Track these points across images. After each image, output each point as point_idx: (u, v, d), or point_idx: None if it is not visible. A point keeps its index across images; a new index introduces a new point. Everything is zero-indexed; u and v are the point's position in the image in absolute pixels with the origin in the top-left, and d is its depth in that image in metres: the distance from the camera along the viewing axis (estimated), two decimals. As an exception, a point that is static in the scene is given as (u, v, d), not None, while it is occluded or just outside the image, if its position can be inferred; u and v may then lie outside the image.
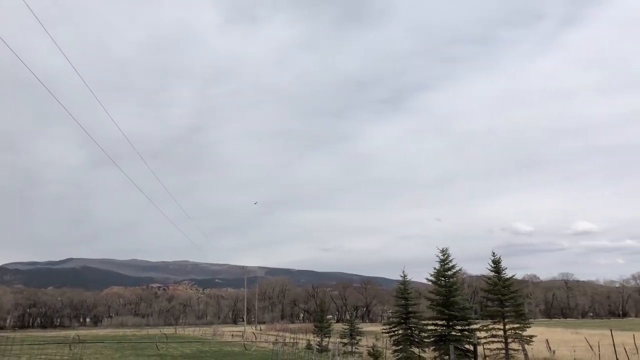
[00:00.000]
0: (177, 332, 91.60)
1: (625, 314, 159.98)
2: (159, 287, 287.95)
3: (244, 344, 45.70)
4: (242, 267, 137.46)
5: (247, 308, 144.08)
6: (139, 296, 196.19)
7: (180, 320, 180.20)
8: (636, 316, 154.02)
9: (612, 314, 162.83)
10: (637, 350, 31.42)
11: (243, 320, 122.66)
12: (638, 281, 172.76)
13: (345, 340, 46.80)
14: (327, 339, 49.58)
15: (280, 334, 75.10)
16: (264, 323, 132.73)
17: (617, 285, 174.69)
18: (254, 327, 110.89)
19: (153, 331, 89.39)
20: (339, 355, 41.38)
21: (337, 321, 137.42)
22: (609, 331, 27.31)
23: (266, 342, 44.83)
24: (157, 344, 36.88)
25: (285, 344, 48.22)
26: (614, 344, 24.33)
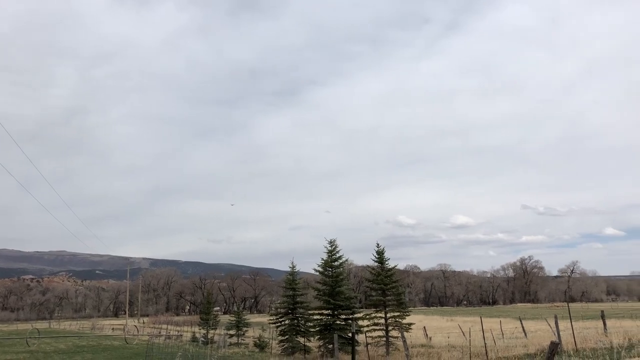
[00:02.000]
0: (52, 326, 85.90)
1: (494, 302, 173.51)
2: (32, 278, 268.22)
3: (125, 337, 43.79)
4: (125, 258, 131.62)
5: (130, 300, 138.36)
6: (8, 289, 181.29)
7: (56, 314, 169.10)
8: (504, 304, 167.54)
9: (484, 302, 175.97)
10: (503, 335, 34.14)
11: (125, 313, 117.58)
12: (507, 272, 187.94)
13: (231, 332, 46.43)
14: (213, 331, 48.86)
15: (165, 326, 72.97)
16: (147, 316, 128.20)
17: (489, 275, 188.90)
18: (136, 320, 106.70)
19: (24, 326, 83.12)
20: (224, 347, 40.97)
21: (225, 313, 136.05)
22: (480, 318, 29.44)
23: (149, 335, 43.28)
24: (28, 339, 34.28)
25: (169, 336, 46.89)
26: (482, 330, 26.24)
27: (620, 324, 29.63)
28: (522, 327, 34.76)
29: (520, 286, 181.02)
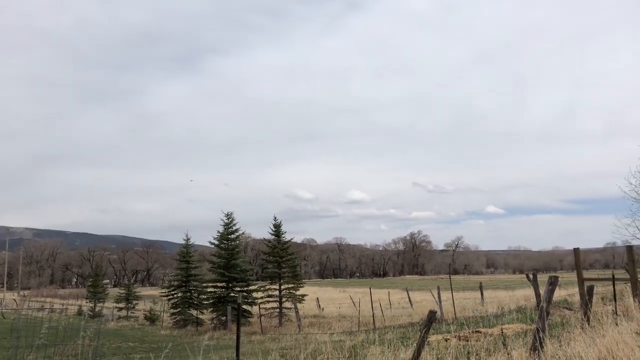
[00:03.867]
0: None
1: (385, 274, 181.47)
2: None
3: (1, 312, 40.96)
4: (5, 228, 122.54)
5: (9, 273, 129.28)
6: None
7: None
8: (394, 276, 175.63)
9: (375, 274, 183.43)
10: (391, 305, 35.81)
11: (2, 286, 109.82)
12: (397, 245, 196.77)
13: (121, 305, 44.91)
14: (101, 304, 46.93)
15: (48, 299, 69.04)
16: (29, 289, 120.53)
17: (381, 248, 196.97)
18: (16, 294, 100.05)
19: None
20: (113, 320, 39.58)
21: (115, 286, 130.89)
22: (370, 289, 30.68)
23: (29, 309, 40.74)
24: None
25: (52, 310, 44.41)
26: (371, 301, 27.32)
27: (495, 294, 32.10)
28: (409, 298, 36.64)
29: (410, 259, 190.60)
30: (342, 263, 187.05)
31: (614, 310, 11.80)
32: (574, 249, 16.02)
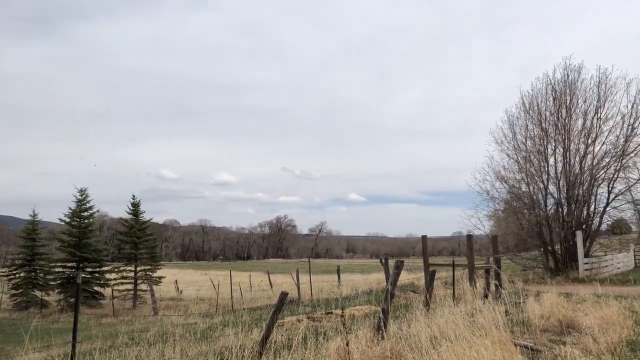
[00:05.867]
0: None
1: (249, 257, 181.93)
2: None
3: None
4: None
5: None
6: None
7: None
8: (258, 259, 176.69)
9: (239, 257, 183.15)
10: (251, 288, 35.95)
11: None
12: (263, 229, 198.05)
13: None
14: None
15: None
16: None
17: (246, 232, 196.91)
18: None
19: None
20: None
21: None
22: (230, 272, 30.54)
23: None
24: None
25: None
26: (231, 283, 27.24)
27: (351, 277, 33.55)
28: (269, 280, 37.03)
29: (274, 243, 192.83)
30: (206, 245, 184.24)
31: (452, 293, 12.86)
32: (422, 236, 17.16)
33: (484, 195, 30.56)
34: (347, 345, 6.98)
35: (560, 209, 28.72)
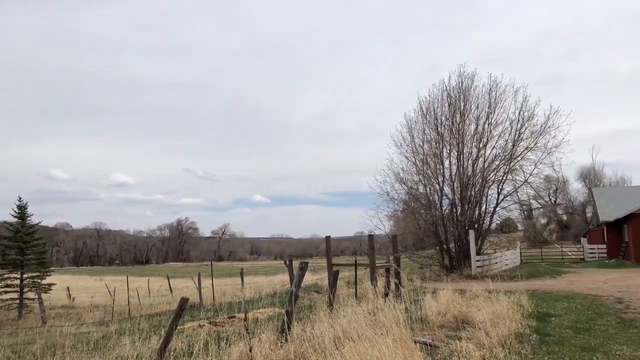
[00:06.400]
0: None
1: (147, 261, 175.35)
2: None
3: None
4: None
5: None
6: None
7: None
8: (157, 263, 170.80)
9: (137, 261, 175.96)
10: (150, 293, 34.60)
11: None
12: (163, 232, 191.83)
13: None
14: None
15: None
16: None
17: (145, 235, 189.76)
18: None
19: None
20: None
21: None
22: (127, 277, 29.21)
23: None
24: None
25: None
26: (127, 289, 26.04)
27: (255, 280, 33.24)
28: (169, 285, 35.85)
29: (175, 246, 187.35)
30: (101, 250, 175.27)
31: (354, 293, 13.07)
32: (326, 237, 17.32)
33: (384, 196, 31.52)
34: (250, 350, 6.84)
35: (454, 209, 30.21)
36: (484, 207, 30.52)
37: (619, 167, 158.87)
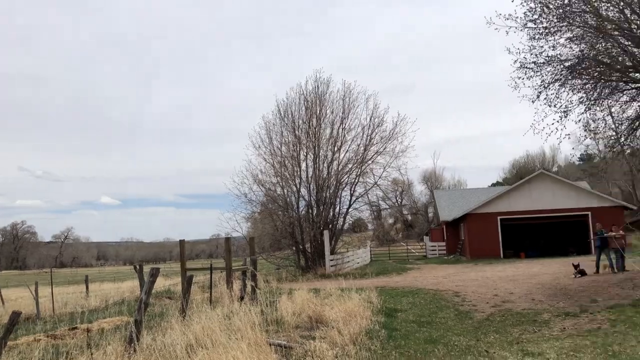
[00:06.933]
0: None
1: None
2: None
3: None
4: None
5: None
6: None
7: None
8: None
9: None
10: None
11: None
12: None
13: None
14: None
15: None
16: None
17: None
18: None
19: None
20: None
21: None
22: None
23: None
24: None
25: None
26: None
27: (102, 287, 31.14)
28: (1, 296, 32.31)
29: (8, 252, 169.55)
30: None
31: (209, 298, 12.74)
32: (180, 240, 16.75)
33: (242, 198, 31.36)
34: (93, 364, 6.32)
35: (310, 210, 30.96)
36: (337, 208, 31.68)
37: (457, 171, 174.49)
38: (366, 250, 40.91)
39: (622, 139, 15.38)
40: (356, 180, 31.40)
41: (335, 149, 31.05)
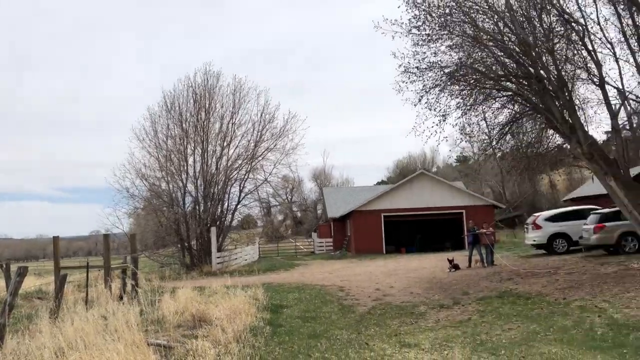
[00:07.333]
0: None
1: None
2: None
3: None
4: None
5: None
6: None
7: None
8: None
9: None
10: None
11: None
12: None
13: None
14: None
15: None
16: None
17: None
18: None
19: None
20: None
21: None
22: None
23: None
24: None
25: None
26: None
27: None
28: None
29: None
30: None
31: (85, 298, 12.03)
32: (54, 237, 15.66)
33: (124, 192, 29.97)
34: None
35: (197, 207, 30.30)
36: (226, 205, 31.31)
37: (345, 169, 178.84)
38: (255, 247, 40.80)
39: (494, 142, 16.62)
40: (246, 177, 31.23)
41: (225, 144, 30.65)
